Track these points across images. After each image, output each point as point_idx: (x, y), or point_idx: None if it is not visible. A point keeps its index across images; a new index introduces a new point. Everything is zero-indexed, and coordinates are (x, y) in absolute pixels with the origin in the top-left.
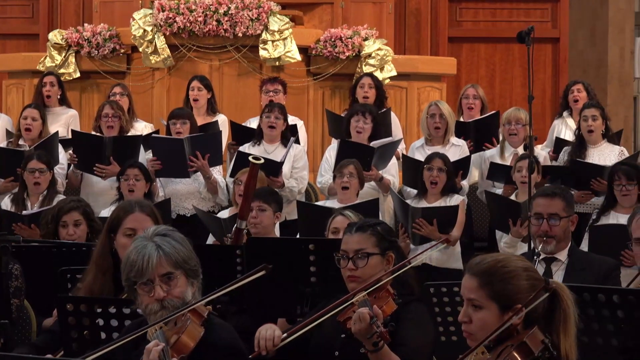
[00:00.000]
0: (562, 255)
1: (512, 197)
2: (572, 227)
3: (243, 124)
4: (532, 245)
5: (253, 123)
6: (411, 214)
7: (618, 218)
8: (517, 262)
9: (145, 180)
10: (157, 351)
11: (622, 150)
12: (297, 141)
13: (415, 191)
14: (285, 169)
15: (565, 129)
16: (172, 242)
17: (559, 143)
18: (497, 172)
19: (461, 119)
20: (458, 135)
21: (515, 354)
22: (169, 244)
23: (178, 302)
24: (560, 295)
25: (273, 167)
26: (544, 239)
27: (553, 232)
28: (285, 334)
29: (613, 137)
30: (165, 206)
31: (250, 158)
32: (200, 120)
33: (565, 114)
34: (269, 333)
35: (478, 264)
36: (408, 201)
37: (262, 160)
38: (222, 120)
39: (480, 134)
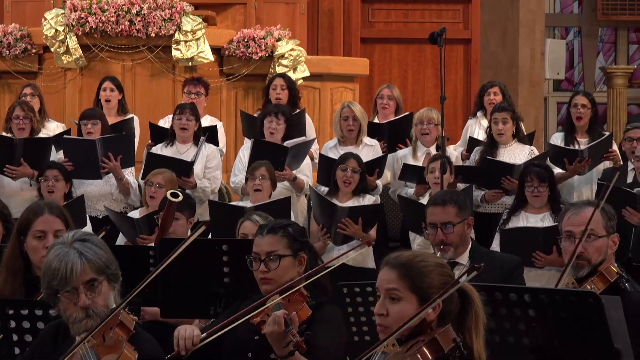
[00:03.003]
0: (464, 259)
1: (426, 197)
2: (469, 229)
3: (158, 125)
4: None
5: (165, 122)
6: (337, 214)
7: (528, 218)
8: (434, 258)
9: (65, 181)
10: None
11: (532, 150)
12: (215, 141)
13: (326, 190)
14: (198, 169)
15: (479, 129)
16: (93, 247)
17: (473, 143)
18: (409, 172)
19: (376, 119)
20: (372, 136)
21: (425, 350)
22: (90, 249)
23: (102, 309)
24: (470, 296)
25: (184, 167)
26: (442, 247)
27: (449, 240)
28: (204, 334)
29: (524, 138)
30: (79, 204)
31: (167, 194)
32: (110, 121)
33: (479, 114)
34: (188, 332)
35: (397, 257)
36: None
37: (180, 197)
38: (134, 121)
39: (393, 135)
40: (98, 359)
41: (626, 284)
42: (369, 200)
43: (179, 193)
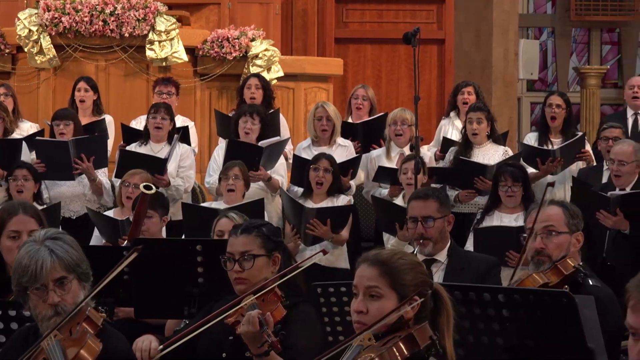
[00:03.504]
0: (442, 256)
1: (400, 198)
2: (449, 227)
3: (130, 125)
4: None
5: (137, 123)
6: (305, 215)
7: (502, 218)
8: (411, 257)
9: (35, 181)
10: None
11: (506, 150)
12: (187, 141)
13: (300, 191)
14: (171, 168)
15: (452, 129)
16: (64, 245)
17: (446, 143)
18: (383, 174)
19: (349, 119)
20: (346, 136)
21: (401, 344)
22: (61, 247)
23: (71, 308)
24: (442, 296)
25: (157, 165)
26: (421, 241)
27: (428, 234)
28: (161, 346)
29: (499, 138)
30: (55, 210)
31: (141, 187)
32: (85, 122)
33: (452, 114)
34: (145, 345)
35: (376, 254)
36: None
37: (154, 190)
38: (109, 121)
39: (367, 135)
40: (63, 352)
41: (587, 279)
42: (342, 200)
43: (152, 186)
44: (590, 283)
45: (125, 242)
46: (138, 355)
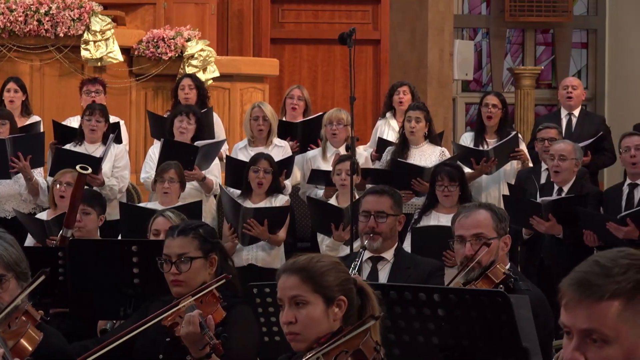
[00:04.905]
0: (389, 255)
1: (333, 199)
2: (399, 227)
3: (64, 123)
4: (361, 243)
5: (73, 122)
6: (242, 214)
7: (439, 218)
8: (329, 258)
9: None
10: None
11: (443, 151)
12: (118, 139)
13: (238, 191)
14: (106, 168)
15: (388, 129)
16: (3, 244)
17: (382, 143)
18: (317, 177)
19: (284, 119)
20: (285, 135)
21: None
22: (1, 246)
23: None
24: (367, 292)
25: (92, 164)
26: (371, 235)
27: (379, 229)
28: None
29: (435, 138)
30: None
31: (77, 167)
32: None
33: (388, 114)
34: None
35: (293, 263)
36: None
37: (89, 170)
38: (38, 122)
39: (306, 134)
40: (4, 342)
41: (518, 283)
42: (281, 200)
43: (88, 167)
44: (521, 287)
45: (62, 229)
46: None
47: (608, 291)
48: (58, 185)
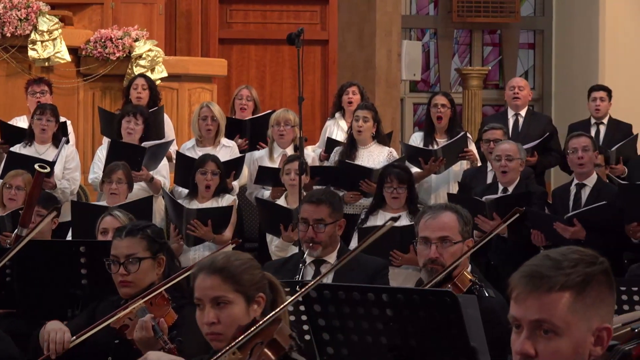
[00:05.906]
0: (332, 258)
1: (282, 199)
2: (340, 231)
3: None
4: (300, 250)
5: (20, 122)
6: (185, 215)
7: (386, 217)
8: (245, 255)
9: None
10: None
11: (391, 152)
12: (68, 141)
13: (186, 191)
14: (57, 170)
15: (337, 129)
16: None
17: (331, 143)
18: (264, 175)
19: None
20: (233, 133)
21: (267, 351)
22: None
23: None
24: (276, 286)
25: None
26: (310, 245)
27: (319, 238)
28: (74, 337)
29: (384, 139)
30: None
31: (36, 166)
32: None
33: (337, 115)
34: (59, 336)
35: (212, 262)
36: (179, 202)
37: (48, 169)
38: None
39: (255, 132)
40: None
41: (482, 290)
42: (227, 200)
43: (47, 166)
44: (486, 294)
45: (17, 228)
46: (52, 347)
47: (558, 283)
48: (7, 188)
